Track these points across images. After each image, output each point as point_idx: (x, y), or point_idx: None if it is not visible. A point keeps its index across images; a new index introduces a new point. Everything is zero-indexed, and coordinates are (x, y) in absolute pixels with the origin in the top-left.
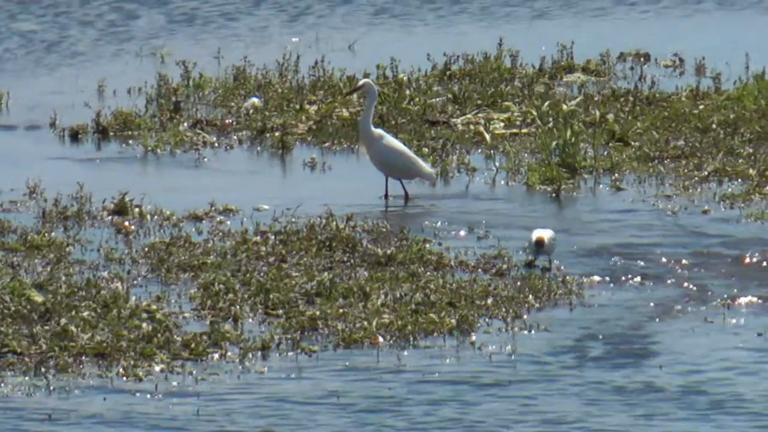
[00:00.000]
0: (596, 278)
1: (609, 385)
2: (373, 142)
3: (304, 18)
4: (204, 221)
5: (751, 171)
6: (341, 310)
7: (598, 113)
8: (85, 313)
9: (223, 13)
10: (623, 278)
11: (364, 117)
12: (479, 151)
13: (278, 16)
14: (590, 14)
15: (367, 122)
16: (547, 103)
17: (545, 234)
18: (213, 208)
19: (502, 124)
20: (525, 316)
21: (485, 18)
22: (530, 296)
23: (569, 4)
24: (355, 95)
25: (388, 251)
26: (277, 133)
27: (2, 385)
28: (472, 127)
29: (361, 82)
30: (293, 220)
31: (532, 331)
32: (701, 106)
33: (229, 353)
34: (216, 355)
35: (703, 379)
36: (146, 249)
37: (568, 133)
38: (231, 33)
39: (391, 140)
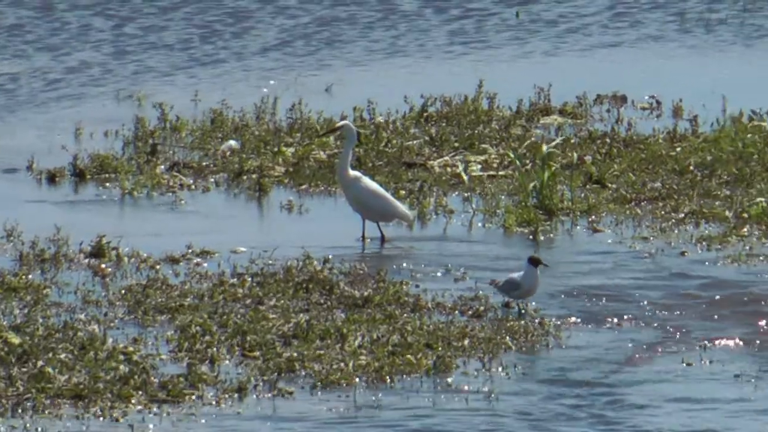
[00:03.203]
0: (573, 320)
1: (584, 426)
2: (351, 185)
3: (282, 61)
4: (181, 263)
5: (727, 213)
6: (318, 352)
7: (575, 155)
8: (63, 355)
9: (200, 56)
10: (600, 320)
11: (341, 159)
12: (456, 193)
13: (255, 59)
14: (567, 57)
15: (344, 165)
16: (526, 143)
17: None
18: (190, 250)
19: (479, 167)
20: (502, 358)
21: (462, 61)
22: (507, 338)
23: (546, 47)
24: (332, 137)
25: (365, 293)
26: (254, 176)
27: None
28: (449, 169)
29: (339, 123)
30: (270, 262)
31: (509, 373)
32: (678, 149)
33: (206, 395)
34: (193, 397)
35: (681, 421)
36: (123, 291)
37: (546, 174)
38: (208, 76)
39: (368, 182)
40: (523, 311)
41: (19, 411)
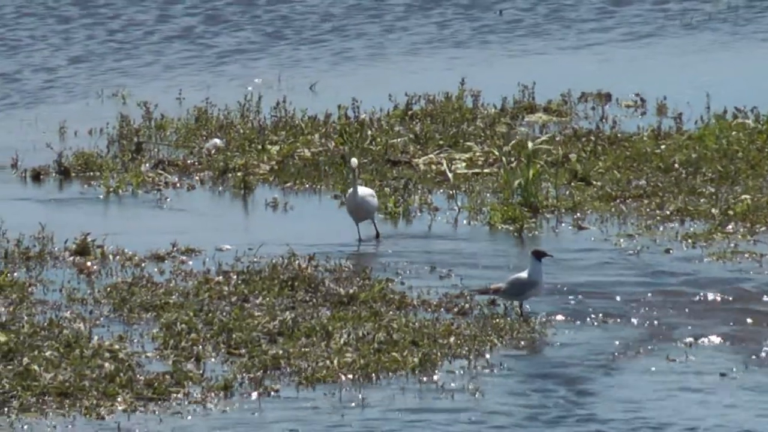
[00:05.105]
0: (559, 317)
1: (571, 424)
2: (358, 200)
3: (266, 59)
4: (166, 261)
5: (713, 210)
6: (304, 350)
7: (560, 153)
8: (48, 353)
9: (184, 54)
10: (586, 317)
11: (353, 189)
12: (441, 190)
13: (240, 57)
14: (551, 55)
15: (355, 192)
16: (511, 143)
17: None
18: (175, 248)
19: (464, 164)
20: (487, 355)
21: (446, 58)
22: (493, 335)
23: (530, 45)
24: (317, 136)
25: (351, 290)
26: (239, 174)
27: None
28: (434, 166)
29: (353, 162)
30: (255, 260)
31: (495, 370)
32: (663, 146)
33: (191, 393)
34: (179, 395)
35: (667, 418)
36: (108, 289)
37: (531, 172)
38: (192, 74)
39: (364, 190)
40: (526, 310)
41: (5, 409)
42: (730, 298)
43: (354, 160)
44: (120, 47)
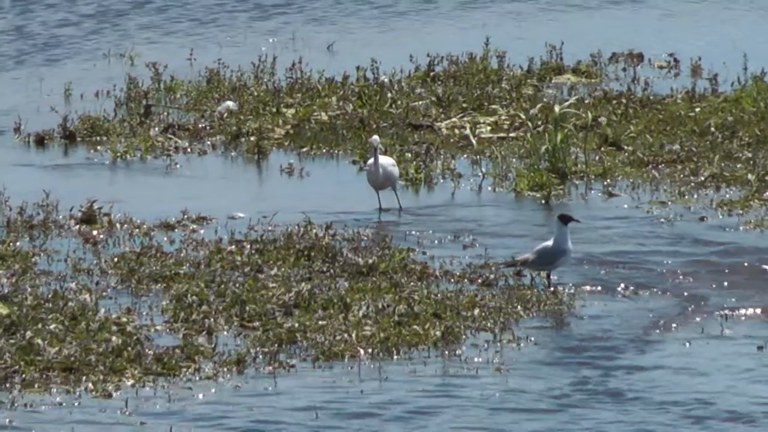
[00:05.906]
0: (588, 288)
1: (601, 400)
2: (381, 174)
3: (280, 17)
4: (176, 230)
5: (749, 176)
6: (321, 323)
7: (589, 116)
8: (52, 326)
9: (195, 14)
10: (616, 288)
11: (375, 165)
12: (465, 156)
13: (253, 16)
14: (580, 13)
15: (377, 168)
16: (538, 107)
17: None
18: (185, 216)
19: (488, 128)
20: (513, 328)
21: (470, 17)
22: (519, 307)
23: (558, 3)
24: (334, 98)
25: (370, 261)
26: (252, 138)
27: None
28: (457, 131)
29: (374, 140)
30: (270, 228)
31: (521, 344)
32: (697, 109)
33: (202, 368)
34: (189, 370)
35: (699, 393)
36: (116, 259)
37: (558, 136)
38: (203, 34)
39: (386, 161)
40: (553, 281)
41: (7, 385)
42: None
43: (376, 138)
44: (127, 4)
